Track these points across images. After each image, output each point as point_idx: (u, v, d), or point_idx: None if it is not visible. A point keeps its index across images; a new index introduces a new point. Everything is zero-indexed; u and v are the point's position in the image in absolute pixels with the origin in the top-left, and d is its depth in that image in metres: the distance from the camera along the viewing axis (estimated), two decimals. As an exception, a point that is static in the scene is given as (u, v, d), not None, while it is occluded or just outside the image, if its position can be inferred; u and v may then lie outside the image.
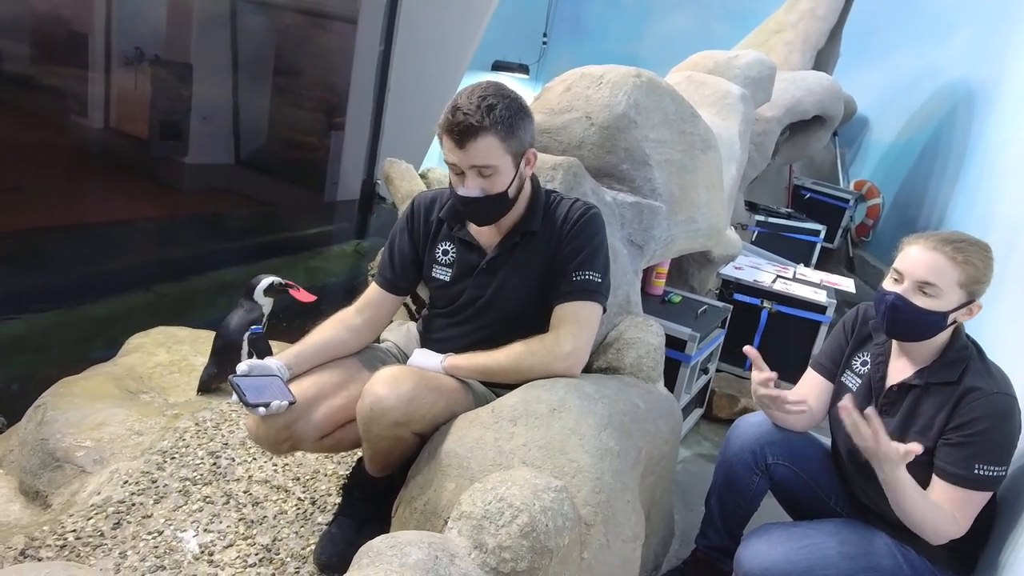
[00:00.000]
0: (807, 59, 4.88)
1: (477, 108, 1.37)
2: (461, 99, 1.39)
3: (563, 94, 2.14)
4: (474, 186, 1.44)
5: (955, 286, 1.40)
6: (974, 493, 1.38)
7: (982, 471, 1.36)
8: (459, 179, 1.46)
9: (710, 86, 3.32)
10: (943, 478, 1.40)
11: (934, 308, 1.41)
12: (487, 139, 1.39)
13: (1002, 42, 4.38)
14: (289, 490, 1.73)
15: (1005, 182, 3.26)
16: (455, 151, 1.41)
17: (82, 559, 1.43)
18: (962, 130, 4.71)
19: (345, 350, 1.58)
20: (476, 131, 1.38)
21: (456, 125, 1.38)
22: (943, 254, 1.40)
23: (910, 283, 1.43)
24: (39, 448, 1.78)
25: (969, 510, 1.39)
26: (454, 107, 1.39)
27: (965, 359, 1.45)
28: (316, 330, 1.57)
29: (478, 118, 1.37)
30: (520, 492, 1.13)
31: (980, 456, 1.36)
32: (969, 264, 1.39)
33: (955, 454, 1.39)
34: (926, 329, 1.45)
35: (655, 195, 2.14)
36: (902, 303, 1.43)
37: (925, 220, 4.81)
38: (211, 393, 2.15)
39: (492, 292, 1.56)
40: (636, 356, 1.80)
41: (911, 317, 1.43)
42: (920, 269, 1.41)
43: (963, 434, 1.39)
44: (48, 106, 4.54)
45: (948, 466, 1.40)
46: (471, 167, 1.42)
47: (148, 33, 5.02)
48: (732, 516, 1.75)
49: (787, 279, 3.43)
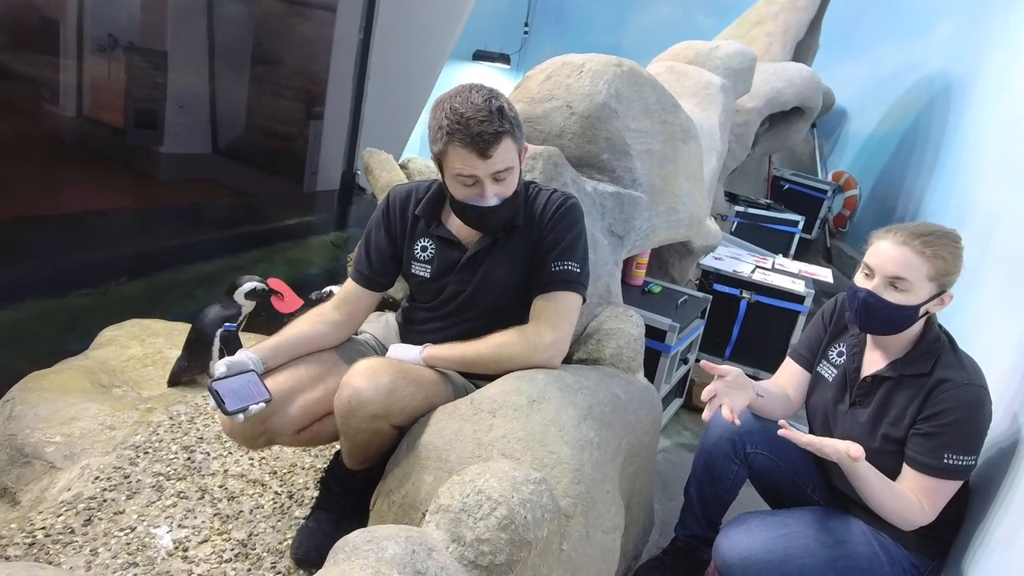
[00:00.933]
0: (787, 50, 4.90)
1: (490, 113, 1.33)
2: (466, 108, 1.33)
3: (544, 83, 2.12)
4: (493, 194, 1.40)
5: (925, 279, 1.41)
6: (943, 482, 1.40)
7: (951, 460, 1.38)
8: (473, 189, 1.41)
9: (691, 76, 3.31)
10: (913, 467, 1.42)
11: (905, 303, 1.43)
12: (506, 142, 1.36)
13: (981, 36, 4.42)
14: (266, 484, 1.71)
15: (983, 174, 3.30)
16: (477, 162, 1.36)
17: (52, 557, 1.40)
18: (939, 123, 4.76)
19: (323, 344, 1.55)
20: (498, 137, 1.34)
21: (478, 136, 1.32)
22: (912, 248, 1.41)
23: (881, 279, 1.44)
24: (7, 444, 1.74)
25: (938, 498, 1.41)
26: (464, 118, 1.33)
27: (937, 351, 1.47)
28: (293, 323, 1.55)
29: (497, 123, 1.33)
30: (499, 484, 1.12)
31: (950, 446, 1.38)
32: (938, 257, 1.40)
33: (925, 444, 1.41)
34: (899, 323, 1.46)
35: (636, 185, 2.13)
36: (874, 300, 1.44)
37: (902, 211, 4.86)
38: (181, 385, 2.12)
39: (474, 287, 1.55)
40: (616, 346, 1.79)
41: (884, 313, 1.45)
42: (890, 264, 1.42)
43: (933, 424, 1.40)
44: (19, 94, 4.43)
45: (918, 455, 1.41)
46: (493, 174, 1.38)
47: (122, 19, 4.91)
48: (711, 505, 1.76)
49: (766, 269, 3.45)
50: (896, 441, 1.46)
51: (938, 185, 4.28)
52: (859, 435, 1.51)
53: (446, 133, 1.35)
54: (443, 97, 1.39)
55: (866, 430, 1.51)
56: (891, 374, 1.50)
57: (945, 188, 4.08)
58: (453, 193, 1.45)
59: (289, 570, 1.47)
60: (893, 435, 1.46)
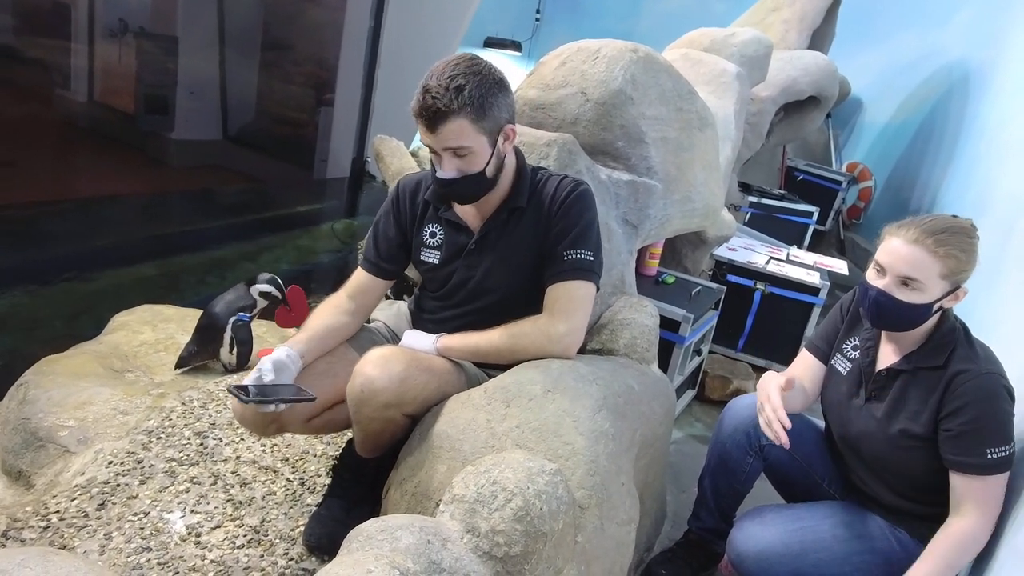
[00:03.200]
0: (803, 38, 4.83)
1: (446, 91, 1.32)
2: (431, 80, 1.34)
3: (558, 69, 2.09)
4: (451, 167, 1.40)
5: (937, 278, 1.38)
6: (994, 478, 1.36)
7: (994, 454, 1.34)
8: (437, 159, 1.43)
9: (706, 64, 3.27)
10: (961, 471, 1.37)
11: (918, 301, 1.39)
12: (458, 122, 1.34)
13: (1002, 22, 4.34)
14: (278, 471, 1.71)
15: (1003, 163, 3.24)
16: (427, 134, 1.38)
17: (66, 541, 1.40)
18: (958, 112, 4.68)
19: (346, 336, 1.56)
20: (445, 115, 1.33)
21: (426, 109, 1.34)
22: (924, 248, 1.37)
23: (892, 277, 1.41)
24: (21, 427, 1.75)
25: (994, 495, 1.37)
26: (424, 89, 1.34)
27: (952, 342, 1.44)
28: (316, 316, 1.55)
29: (446, 101, 1.32)
30: (514, 475, 1.11)
31: (987, 441, 1.34)
32: (951, 257, 1.36)
33: (962, 444, 1.37)
34: (912, 321, 1.43)
35: (651, 173, 2.10)
36: (885, 299, 1.41)
37: (918, 203, 4.80)
38: (189, 371, 2.12)
39: (482, 273, 1.53)
40: (630, 337, 1.77)
41: (895, 312, 1.42)
42: (901, 264, 1.39)
43: (961, 422, 1.37)
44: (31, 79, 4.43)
45: (961, 458, 1.37)
46: (445, 149, 1.39)
47: (133, 4, 4.89)
48: (725, 498, 1.74)
49: (780, 261, 3.41)
50: (915, 437, 1.44)
51: (956, 176, 4.22)
52: (875, 429, 1.49)
53: (412, 102, 1.37)
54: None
55: (883, 425, 1.48)
56: (906, 367, 1.47)
57: (963, 179, 4.02)
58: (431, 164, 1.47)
59: (301, 556, 1.46)
60: (912, 430, 1.44)
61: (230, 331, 2.10)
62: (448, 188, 1.45)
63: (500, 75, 1.42)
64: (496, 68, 1.42)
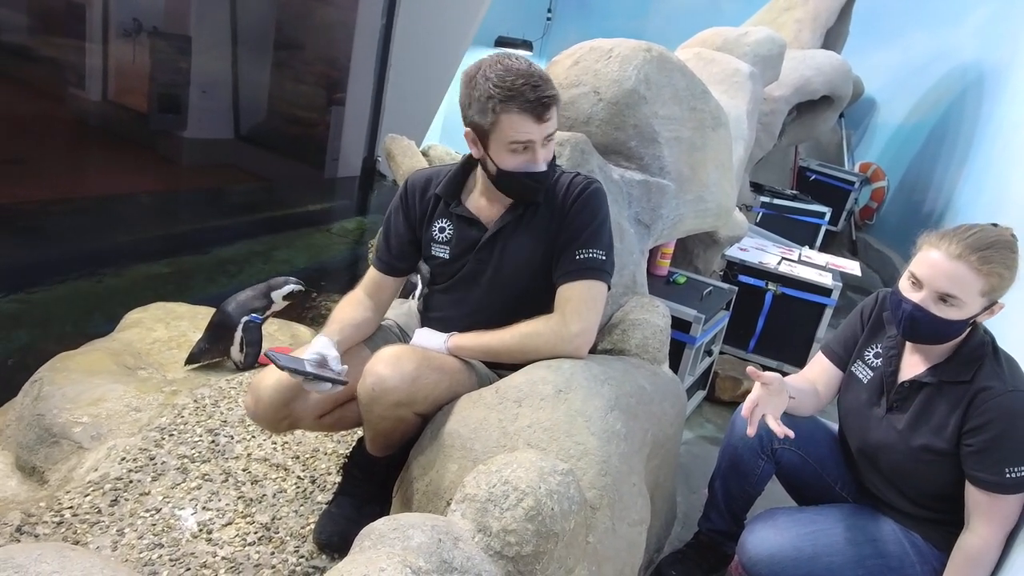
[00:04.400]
0: (817, 37, 4.80)
1: (544, 79, 1.36)
2: (515, 75, 1.34)
3: (571, 68, 2.08)
4: (542, 159, 1.43)
5: (977, 295, 1.33)
6: (1011, 497, 1.33)
7: (1013, 474, 1.32)
8: (524, 156, 1.41)
9: (719, 63, 3.25)
10: (979, 486, 1.35)
11: (955, 317, 1.35)
12: (555, 107, 1.39)
13: (1017, 23, 4.30)
14: (289, 468, 1.71)
15: (1016, 167, 3.21)
16: (532, 126, 1.37)
17: (79, 536, 1.41)
18: (972, 113, 4.64)
19: (369, 332, 1.57)
20: (555, 100, 1.38)
21: (539, 100, 1.34)
22: (968, 265, 1.31)
23: (930, 292, 1.35)
24: (35, 423, 1.76)
25: (1009, 513, 1.35)
26: (518, 84, 1.33)
27: (980, 357, 1.39)
28: (341, 310, 1.55)
29: (552, 89, 1.36)
30: (526, 475, 1.10)
31: (1007, 459, 1.32)
32: (994, 274, 1.31)
33: (982, 461, 1.34)
34: (946, 336, 1.39)
35: (664, 173, 2.09)
36: (921, 314, 1.36)
37: (931, 204, 4.75)
38: (200, 367, 2.13)
39: (493, 267, 1.52)
40: (642, 337, 1.77)
41: (930, 328, 1.37)
42: (942, 279, 1.33)
43: (983, 439, 1.34)
44: (45, 78, 4.47)
45: (980, 474, 1.35)
46: (547, 138, 1.41)
47: (146, 4, 4.93)
48: (736, 500, 1.73)
49: (792, 261, 3.39)
50: (937, 452, 1.40)
51: (969, 177, 4.18)
52: (896, 441, 1.46)
53: (499, 101, 1.34)
54: (475, 70, 1.39)
55: (904, 437, 1.45)
56: (931, 380, 1.43)
57: (977, 180, 3.98)
58: (502, 164, 1.42)
59: (312, 554, 1.47)
60: (935, 445, 1.41)
61: (240, 331, 2.11)
62: (544, 181, 1.46)
63: None
64: None
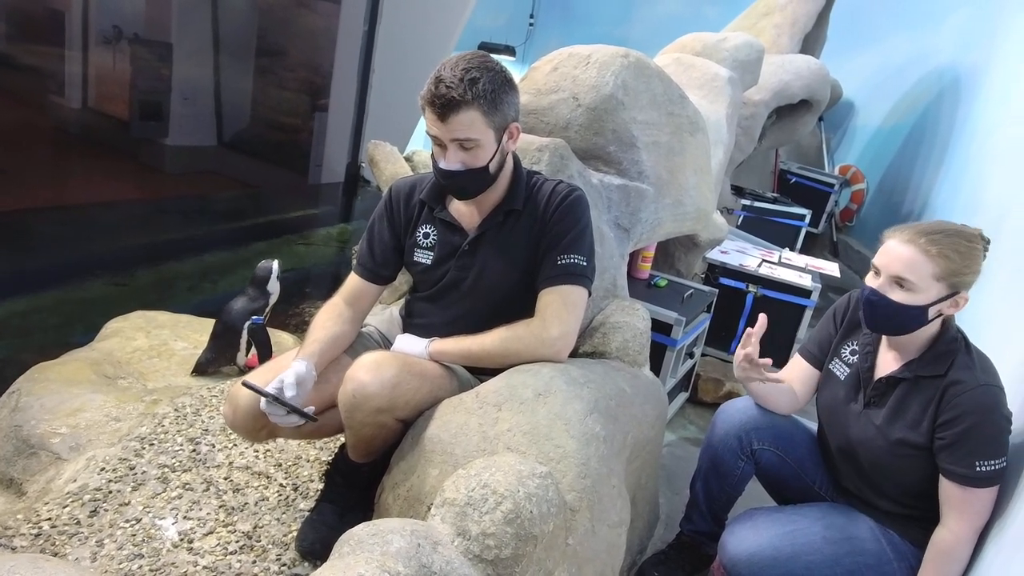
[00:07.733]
0: (795, 42, 4.87)
1: (460, 81, 1.34)
2: (445, 71, 1.36)
3: (550, 74, 2.10)
4: (455, 159, 1.41)
5: (931, 279, 1.37)
6: (982, 491, 1.36)
7: (983, 467, 1.34)
8: (440, 151, 1.43)
9: (698, 68, 3.29)
10: (952, 479, 1.38)
11: (911, 302, 1.39)
12: (469, 113, 1.36)
13: (993, 27, 4.38)
14: (271, 476, 1.71)
15: (992, 167, 3.27)
16: (437, 124, 1.39)
17: (58, 548, 1.40)
18: (948, 116, 4.72)
19: (347, 344, 1.56)
20: (458, 105, 1.35)
21: (439, 98, 1.35)
22: (916, 247, 1.37)
23: (886, 277, 1.41)
24: (13, 435, 1.74)
25: (980, 507, 1.37)
26: (437, 79, 1.36)
27: (954, 352, 1.42)
28: (320, 325, 1.53)
29: (460, 91, 1.34)
30: (504, 478, 1.11)
31: (977, 453, 1.34)
32: (943, 257, 1.35)
33: (955, 454, 1.37)
34: (906, 323, 1.43)
35: (642, 178, 2.11)
36: (877, 298, 1.42)
37: (910, 205, 4.82)
38: (206, 376, 2.14)
39: (475, 274, 1.53)
40: (622, 340, 1.78)
41: (888, 312, 1.41)
42: (894, 263, 1.39)
43: (955, 432, 1.37)
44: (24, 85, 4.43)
45: (952, 467, 1.37)
46: (452, 140, 1.40)
47: (127, 11, 4.90)
48: (717, 501, 1.75)
49: (772, 263, 3.43)
50: (914, 445, 1.43)
51: (947, 179, 4.25)
52: (874, 436, 1.49)
53: (423, 94, 1.38)
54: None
55: (882, 431, 1.48)
56: (906, 375, 1.46)
57: (954, 182, 4.05)
58: (433, 157, 1.47)
59: (294, 562, 1.47)
60: (911, 439, 1.43)
61: (246, 335, 2.15)
62: (450, 180, 1.45)
63: (510, 75, 1.44)
64: (506, 67, 1.44)
